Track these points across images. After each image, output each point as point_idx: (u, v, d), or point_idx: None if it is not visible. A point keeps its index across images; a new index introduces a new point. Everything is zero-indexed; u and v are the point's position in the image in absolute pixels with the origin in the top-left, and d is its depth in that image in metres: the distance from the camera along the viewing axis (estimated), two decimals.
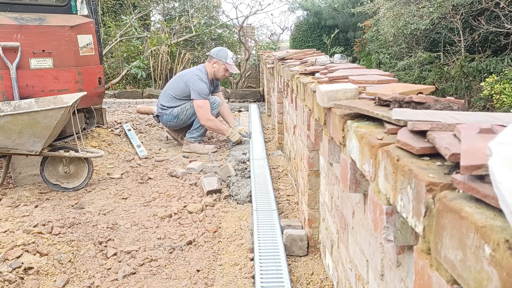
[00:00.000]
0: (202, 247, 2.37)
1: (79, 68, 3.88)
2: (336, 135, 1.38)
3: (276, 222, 2.51)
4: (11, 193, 3.18)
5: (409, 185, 0.77)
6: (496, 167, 0.55)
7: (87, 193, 3.24)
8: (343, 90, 1.43)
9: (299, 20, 12.13)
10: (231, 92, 8.79)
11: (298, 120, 2.81)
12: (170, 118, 4.53)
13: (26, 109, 3.22)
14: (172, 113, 4.51)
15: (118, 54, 9.35)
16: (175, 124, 4.58)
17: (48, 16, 3.88)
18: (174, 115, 4.50)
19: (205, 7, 10.35)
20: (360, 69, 2.11)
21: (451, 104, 1.06)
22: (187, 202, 2.96)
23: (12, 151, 3.07)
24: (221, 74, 4.63)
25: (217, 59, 4.57)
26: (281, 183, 3.42)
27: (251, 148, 4.26)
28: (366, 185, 1.23)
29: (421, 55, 6.42)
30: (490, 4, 5.43)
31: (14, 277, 1.96)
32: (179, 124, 4.58)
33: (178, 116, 4.50)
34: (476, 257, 0.55)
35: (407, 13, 6.45)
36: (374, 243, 1.22)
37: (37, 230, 2.39)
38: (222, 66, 4.58)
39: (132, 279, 2.06)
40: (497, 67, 5.47)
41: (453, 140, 0.78)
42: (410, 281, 0.98)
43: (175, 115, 4.50)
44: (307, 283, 2.03)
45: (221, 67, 4.58)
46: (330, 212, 1.94)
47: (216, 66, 4.58)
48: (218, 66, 4.58)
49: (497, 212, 0.57)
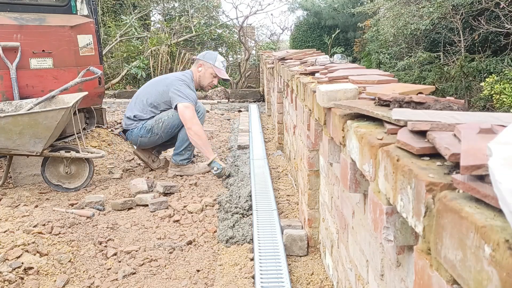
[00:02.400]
0: (202, 247, 2.37)
1: (79, 68, 3.88)
2: (336, 135, 1.38)
3: (276, 222, 2.51)
4: (11, 193, 3.18)
5: (409, 185, 0.77)
6: (496, 167, 0.55)
7: (87, 193, 3.24)
8: (343, 90, 1.43)
9: (299, 20, 12.14)
10: (231, 92, 8.80)
11: (298, 120, 2.81)
12: (143, 132, 3.50)
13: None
14: (145, 126, 3.49)
15: (118, 54, 9.35)
16: (147, 141, 3.54)
17: (48, 16, 3.89)
18: (147, 129, 3.49)
19: (205, 7, 10.36)
20: (360, 69, 2.11)
21: (451, 104, 1.06)
22: (187, 202, 2.96)
23: (13, 152, 3.07)
24: (207, 80, 3.73)
25: (203, 61, 3.72)
26: (281, 183, 3.42)
27: (251, 148, 4.26)
28: (366, 185, 1.23)
29: (421, 55, 6.42)
30: (490, 4, 5.43)
31: (14, 277, 1.96)
32: (153, 141, 3.55)
33: (152, 129, 3.49)
34: (476, 257, 0.55)
35: (407, 13, 6.45)
36: (374, 243, 1.22)
37: (37, 230, 2.39)
38: (209, 70, 3.70)
39: (132, 279, 2.06)
40: (497, 67, 5.47)
41: (453, 140, 0.78)
42: (410, 281, 0.98)
43: (148, 128, 3.49)
44: (307, 283, 2.03)
45: (208, 71, 3.70)
46: (330, 212, 1.94)
47: (202, 69, 3.71)
48: (204, 69, 3.71)
49: (497, 212, 0.57)
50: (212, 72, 3.71)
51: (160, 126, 3.49)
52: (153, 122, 3.50)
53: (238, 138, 4.77)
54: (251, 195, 2.94)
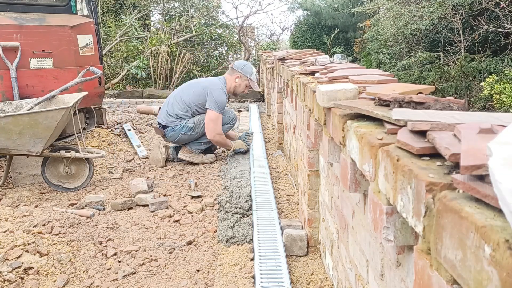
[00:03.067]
0: (202, 247, 2.37)
1: (79, 68, 3.88)
2: (336, 135, 1.38)
3: (276, 222, 2.51)
4: (11, 193, 3.18)
5: (409, 185, 0.77)
6: (496, 167, 0.55)
7: (87, 193, 3.24)
8: (343, 90, 1.43)
9: (299, 20, 12.14)
10: None
11: (298, 120, 2.81)
12: (185, 130, 3.85)
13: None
14: (187, 124, 3.84)
15: (118, 54, 9.35)
16: (187, 138, 3.89)
17: (48, 16, 3.89)
18: (190, 127, 3.84)
19: (205, 7, 10.36)
20: (360, 69, 2.11)
21: (451, 104, 1.06)
22: (187, 202, 2.96)
23: (13, 152, 3.07)
24: (241, 90, 4.13)
25: (241, 73, 4.07)
26: (281, 183, 3.42)
27: (251, 148, 4.26)
28: (366, 185, 1.23)
29: (421, 55, 6.42)
30: (490, 4, 5.43)
31: (14, 277, 1.96)
32: (192, 138, 3.91)
33: (194, 128, 3.85)
34: (476, 257, 0.55)
35: (407, 13, 6.46)
36: (374, 243, 1.22)
37: (37, 230, 2.39)
38: (245, 82, 4.09)
39: (132, 279, 2.06)
40: (497, 67, 5.47)
41: (453, 140, 0.78)
42: (410, 281, 0.98)
43: (190, 127, 3.84)
44: (307, 283, 2.03)
45: (244, 83, 4.09)
46: (330, 212, 1.94)
47: (239, 81, 4.07)
48: (240, 81, 4.08)
49: (497, 212, 0.57)
50: (247, 84, 4.12)
51: (201, 126, 3.87)
52: (196, 122, 3.86)
53: None
54: (251, 195, 2.94)
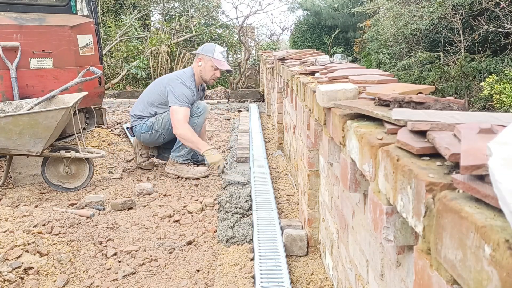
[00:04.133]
0: (202, 247, 2.37)
1: (79, 68, 3.88)
2: (336, 135, 1.38)
3: (276, 222, 2.51)
4: (11, 193, 3.18)
5: (409, 185, 0.77)
6: (496, 167, 0.55)
7: (87, 193, 3.24)
8: (343, 90, 1.43)
9: (299, 20, 12.15)
10: (231, 92, 8.80)
11: (298, 120, 2.81)
12: (144, 128, 3.60)
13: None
14: (146, 123, 3.60)
15: (118, 54, 9.35)
16: (149, 138, 3.63)
17: (48, 16, 3.89)
18: (149, 125, 3.59)
19: (205, 7, 10.37)
20: (360, 69, 2.11)
21: (451, 104, 1.06)
22: (187, 202, 2.96)
23: (13, 152, 3.07)
24: (209, 74, 3.62)
25: (202, 54, 3.62)
26: (281, 183, 3.42)
27: (251, 148, 4.26)
28: (366, 185, 1.23)
29: (421, 55, 6.42)
30: (490, 4, 5.44)
31: (14, 277, 1.96)
32: (154, 138, 3.63)
33: (152, 126, 3.58)
34: (476, 257, 0.55)
35: (407, 13, 6.46)
36: (374, 243, 1.22)
37: (37, 230, 2.39)
38: (208, 63, 3.59)
39: (132, 279, 2.06)
40: (497, 67, 5.48)
41: (453, 140, 0.78)
42: (410, 281, 0.98)
43: (149, 125, 3.59)
44: (307, 283, 2.03)
45: (208, 64, 3.59)
46: (330, 212, 1.94)
47: (202, 64, 3.61)
48: (204, 63, 3.61)
49: (497, 212, 0.57)
50: (212, 65, 3.60)
51: (160, 123, 3.58)
52: (154, 120, 3.60)
53: (238, 138, 4.78)
54: (251, 195, 2.94)
